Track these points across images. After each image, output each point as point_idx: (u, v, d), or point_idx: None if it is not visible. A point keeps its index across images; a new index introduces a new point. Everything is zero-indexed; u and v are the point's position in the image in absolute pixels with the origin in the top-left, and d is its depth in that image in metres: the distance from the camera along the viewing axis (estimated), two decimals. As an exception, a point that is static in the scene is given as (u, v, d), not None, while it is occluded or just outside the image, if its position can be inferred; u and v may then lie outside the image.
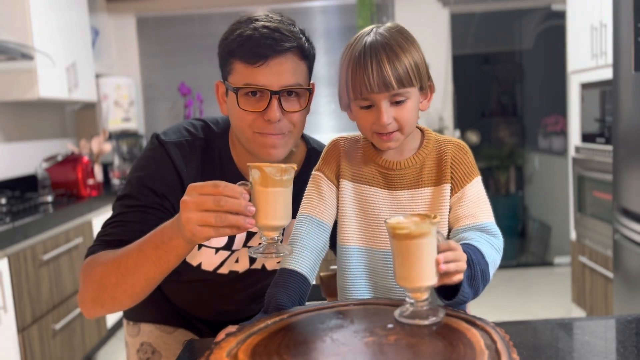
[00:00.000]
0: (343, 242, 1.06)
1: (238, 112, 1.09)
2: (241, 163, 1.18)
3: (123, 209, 1.12)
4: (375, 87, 0.93)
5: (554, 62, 4.82)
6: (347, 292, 1.05)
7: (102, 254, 1.06)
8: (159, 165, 1.13)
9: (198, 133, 1.18)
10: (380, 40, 0.95)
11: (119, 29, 4.30)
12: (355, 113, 1.01)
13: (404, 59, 0.94)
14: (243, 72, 1.07)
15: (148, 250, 0.97)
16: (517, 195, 5.64)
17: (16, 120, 3.30)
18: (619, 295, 2.32)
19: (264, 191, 0.89)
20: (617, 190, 2.27)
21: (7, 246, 2.21)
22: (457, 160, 1.02)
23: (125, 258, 1.00)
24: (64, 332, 2.63)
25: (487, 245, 0.94)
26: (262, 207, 0.89)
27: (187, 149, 1.15)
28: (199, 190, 0.88)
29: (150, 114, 4.37)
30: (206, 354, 0.80)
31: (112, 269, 1.01)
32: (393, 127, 0.97)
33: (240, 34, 1.06)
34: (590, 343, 0.91)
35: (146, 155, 1.16)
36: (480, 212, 1.00)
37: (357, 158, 1.06)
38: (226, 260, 1.22)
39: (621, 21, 2.15)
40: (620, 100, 2.21)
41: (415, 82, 0.96)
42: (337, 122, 4.29)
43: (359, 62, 0.95)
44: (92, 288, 1.04)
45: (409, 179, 1.02)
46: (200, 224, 0.87)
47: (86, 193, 3.14)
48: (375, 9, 4.18)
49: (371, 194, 1.04)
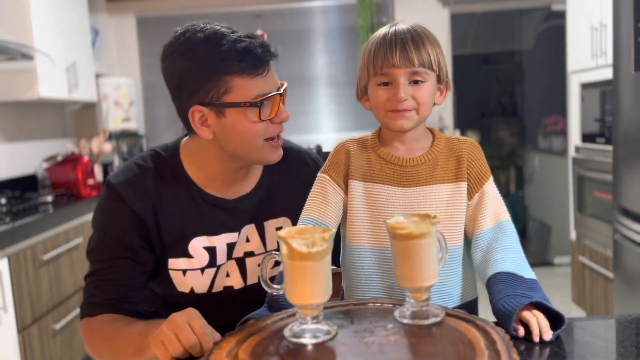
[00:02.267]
0: (354, 243, 1.04)
1: (250, 125, 1.07)
2: (203, 180, 1.17)
3: (96, 264, 1.17)
4: (396, 61, 0.96)
5: (554, 62, 4.82)
6: (357, 293, 1.04)
7: (98, 323, 1.14)
8: (112, 210, 1.15)
9: (147, 164, 1.17)
10: (407, 28, 0.99)
11: (119, 29, 4.30)
12: (372, 93, 1.01)
13: (427, 45, 0.98)
14: (249, 86, 1.05)
15: (132, 348, 1.06)
16: (517, 195, 5.63)
17: (16, 120, 3.30)
18: (619, 295, 2.32)
19: (291, 265, 0.81)
20: (617, 190, 2.27)
21: (7, 246, 2.20)
22: (473, 159, 1.03)
23: (116, 342, 1.10)
24: (64, 332, 2.63)
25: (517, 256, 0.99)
26: (289, 283, 0.82)
27: (136, 184, 1.15)
28: (168, 325, 0.92)
29: (150, 114, 4.37)
30: (206, 354, 0.80)
31: (106, 345, 1.13)
32: (409, 105, 0.97)
33: (232, 48, 1.03)
34: (590, 343, 0.91)
35: (101, 204, 1.18)
36: (500, 211, 1.03)
37: (366, 157, 1.05)
38: (215, 278, 1.20)
39: (621, 21, 2.15)
40: (620, 100, 2.21)
41: (435, 67, 0.99)
42: (337, 122, 4.29)
43: (383, 42, 0.98)
44: (95, 352, 1.17)
45: (423, 176, 1.02)
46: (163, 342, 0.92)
47: (86, 193, 3.14)
48: (375, 9, 4.18)
49: (383, 191, 1.03)
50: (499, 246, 0.98)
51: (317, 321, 0.82)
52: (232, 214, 1.18)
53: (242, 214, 1.19)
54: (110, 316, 1.14)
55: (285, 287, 0.82)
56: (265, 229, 1.21)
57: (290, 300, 0.82)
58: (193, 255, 1.17)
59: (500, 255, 0.97)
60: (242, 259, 1.21)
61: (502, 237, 0.99)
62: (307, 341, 0.80)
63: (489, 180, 1.03)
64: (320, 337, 0.80)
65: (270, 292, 0.88)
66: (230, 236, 1.19)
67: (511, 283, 0.91)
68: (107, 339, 1.12)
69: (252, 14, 4.09)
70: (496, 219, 1.01)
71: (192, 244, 1.16)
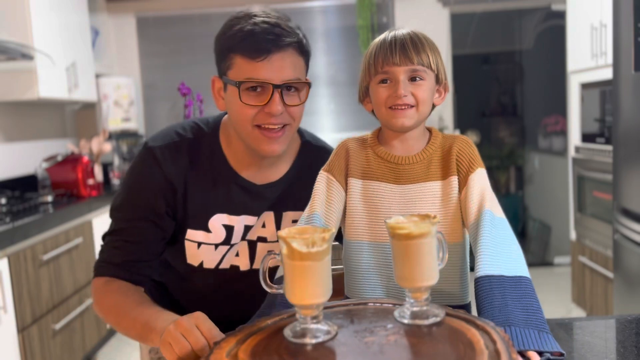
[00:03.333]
0: (352, 237, 1.06)
1: (239, 106, 1.10)
2: (235, 160, 1.21)
3: (119, 223, 1.19)
4: (396, 60, 0.99)
5: (554, 62, 4.82)
6: (356, 288, 1.06)
7: (107, 292, 1.16)
8: (146, 173, 1.17)
9: (187, 134, 1.21)
10: (406, 32, 1.03)
11: (119, 29, 4.30)
12: (373, 92, 1.04)
13: (426, 47, 1.02)
14: (244, 67, 1.08)
15: (136, 329, 1.08)
16: (517, 195, 5.63)
17: (16, 120, 3.30)
18: (619, 295, 2.32)
19: (291, 264, 0.80)
20: (617, 190, 2.27)
21: (7, 246, 2.21)
22: (462, 153, 1.04)
23: (121, 320, 1.11)
24: (64, 332, 2.63)
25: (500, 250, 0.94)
26: (289, 283, 0.81)
27: (173, 150, 1.18)
28: (177, 326, 0.92)
29: (150, 114, 4.37)
30: (206, 354, 0.80)
31: (113, 317, 1.14)
32: (409, 100, 1.00)
33: (241, 29, 1.08)
34: (590, 343, 0.91)
35: (135, 164, 1.21)
36: (484, 201, 1.00)
37: (365, 155, 1.08)
38: (226, 255, 1.24)
39: (621, 21, 2.15)
40: (620, 100, 2.21)
41: (434, 67, 1.02)
42: (337, 122, 4.29)
43: (384, 44, 1.02)
44: (101, 314, 1.18)
45: (418, 173, 1.04)
46: (171, 344, 0.92)
47: (86, 193, 3.14)
48: (375, 9, 4.18)
49: (380, 189, 1.05)
50: (480, 241, 0.95)
51: (317, 321, 0.82)
52: (256, 199, 1.22)
53: (265, 200, 1.22)
54: (124, 285, 1.16)
55: (285, 287, 0.83)
56: (283, 218, 1.24)
57: (290, 300, 0.82)
58: (211, 230, 1.20)
59: (480, 252, 0.94)
60: (254, 242, 1.24)
61: (482, 229, 0.96)
62: (307, 341, 0.80)
63: (475, 171, 1.02)
64: (320, 337, 0.80)
65: (270, 291, 0.88)
66: (250, 219, 1.22)
67: (495, 294, 0.89)
68: (115, 312, 1.13)
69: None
70: (480, 210, 0.99)
71: (213, 219, 1.20)
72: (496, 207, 1.00)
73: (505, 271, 0.91)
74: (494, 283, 0.90)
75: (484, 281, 0.90)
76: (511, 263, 0.93)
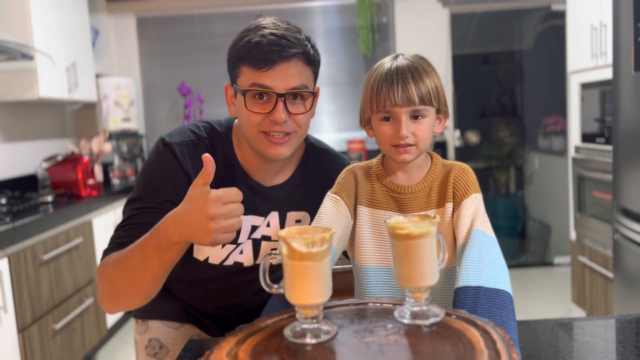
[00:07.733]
0: (362, 263, 1.11)
1: (246, 113, 1.14)
2: (246, 162, 1.24)
3: (133, 211, 1.18)
4: (399, 101, 1.02)
5: (554, 62, 4.82)
6: None
7: (113, 254, 1.11)
8: (165, 167, 1.19)
9: (202, 134, 1.24)
10: (407, 64, 1.05)
11: (119, 29, 4.30)
12: (375, 126, 1.09)
13: (427, 80, 1.04)
14: (250, 75, 1.12)
15: (149, 251, 1.02)
16: (517, 195, 5.64)
17: (16, 120, 3.30)
18: (619, 295, 2.33)
19: (291, 264, 0.80)
20: (617, 190, 2.27)
21: (7, 246, 2.21)
22: (458, 180, 1.08)
23: (130, 259, 1.05)
24: (64, 332, 2.63)
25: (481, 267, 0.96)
26: (289, 283, 0.81)
27: (191, 148, 1.21)
28: (223, 200, 0.94)
29: (150, 114, 4.38)
30: (206, 354, 0.80)
31: (120, 270, 1.07)
32: (410, 140, 1.04)
33: (249, 40, 1.12)
34: (590, 343, 0.91)
35: (153, 159, 1.22)
36: (475, 222, 1.03)
37: (371, 185, 1.14)
38: (231, 253, 1.27)
39: (621, 21, 2.15)
40: (620, 100, 2.21)
41: (435, 102, 1.05)
42: (337, 122, 4.29)
43: (386, 79, 1.04)
44: (107, 288, 1.10)
45: (419, 202, 1.09)
46: (224, 232, 0.94)
47: (86, 193, 3.14)
48: (375, 9, 4.18)
49: (386, 216, 1.09)
50: (465, 254, 0.99)
51: (317, 321, 0.82)
52: (264, 200, 1.25)
53: (272, 201, 1.26)
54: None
55: (285, 287, 0.83)
56: (287, 218, 1.28)
57: (290, 300, 0.82)
58: None
59: (463, 265, 0.97)
60: (258, 240, 1.27)
61: (469, 244, 1.00)
62: (307, 341, 0.80)
63: (469, 197, 1.06)
64: (320, 337, 0.80)
65: (270, 292, 0.88)
66: (257, 219, 1.26)
67: (467, 303, 0.92)
68: (118, 263, 1.07)
69: (252, 14, 4.09)
70: (469, 231, 1.02)
71: None
72: (487, 228, 1.03)
73: (484, 283, 0.94)
74: (469, 293, 0.93)
75: (461, 292, 0.94)
76: (494, 278, 0.95)
